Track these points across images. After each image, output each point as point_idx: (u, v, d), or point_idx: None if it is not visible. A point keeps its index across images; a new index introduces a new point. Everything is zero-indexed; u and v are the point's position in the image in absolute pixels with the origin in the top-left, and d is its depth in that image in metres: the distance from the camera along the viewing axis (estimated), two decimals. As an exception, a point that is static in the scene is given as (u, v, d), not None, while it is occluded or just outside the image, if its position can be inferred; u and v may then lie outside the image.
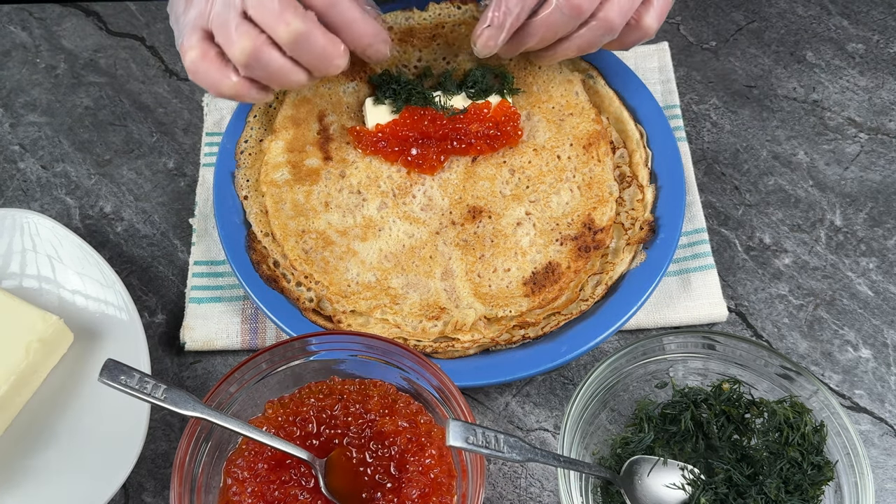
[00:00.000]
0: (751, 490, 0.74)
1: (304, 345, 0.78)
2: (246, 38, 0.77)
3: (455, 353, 0.85)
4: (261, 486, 0.73)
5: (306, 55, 0.80)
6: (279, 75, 0.81)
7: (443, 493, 0.72)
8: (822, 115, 1.03)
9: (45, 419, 0.84)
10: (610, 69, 0.98)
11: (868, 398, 0.87)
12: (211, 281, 0.93)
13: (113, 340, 0.86)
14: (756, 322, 0.91)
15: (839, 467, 0.75)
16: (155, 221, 0.98)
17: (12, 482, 0.81)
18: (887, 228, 0.96)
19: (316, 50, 0.79)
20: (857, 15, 1.10)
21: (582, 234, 0.88)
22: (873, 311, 0.91)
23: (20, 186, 1.01)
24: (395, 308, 0.85)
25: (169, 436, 0.86)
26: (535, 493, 0.83)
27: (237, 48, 0.78)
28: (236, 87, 0.81)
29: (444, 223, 0.90)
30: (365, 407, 0.76)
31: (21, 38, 1.11)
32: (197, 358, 0.90)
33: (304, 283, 0.87)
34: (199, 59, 0.80)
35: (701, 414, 0.79)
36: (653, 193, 0.91)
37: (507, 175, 0.92)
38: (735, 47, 1.08)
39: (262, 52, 0.78)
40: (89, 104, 1.06)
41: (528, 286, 0.86)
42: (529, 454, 0.70)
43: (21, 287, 0.89)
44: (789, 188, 0.98)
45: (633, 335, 0.90)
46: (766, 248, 0.95)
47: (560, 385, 0.88)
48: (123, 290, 0.87)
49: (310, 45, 0.79)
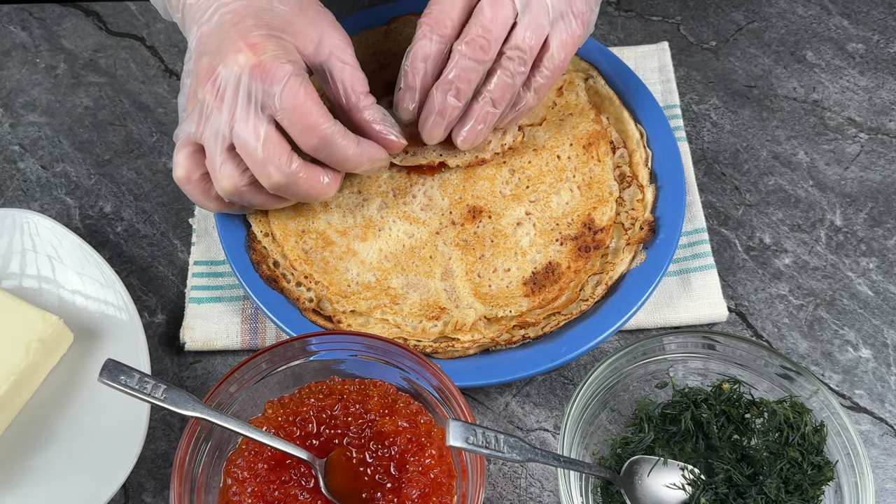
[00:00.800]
0: (751, 490, 0.74)
1: (304, 345, 0.78)
2: (227, 180, 0.79)
3: (455, 353, 0.85)
4: (261, 486, 0.73)
5: (290, 195, 0.82)
6: (261, 207, 0.85)
7: (443, 493, 0.72)
8: (822, 115, 1.03)
9: (45, 419, 0.84)
10: (610, 69, 0.98)
11: (868, 398, 0.87)
12: (211, 281, 0.93)
13: (113, 340, 0.86)
14: (756, 322, 0.91)
15: (839, 467, 0.75)
16: (155, 221, 0.98)
17: (12, 482, 0.81)
18: (887, 228, 0.96)
19: (299, 192, 0.81)
20: (858, 15, 1.10)
21: (582, 234, 0.88)
22: (873, 311, 0.91)
23: (20, 186, 1.01)
24: (395, 308, 0.85)
25: (169, 436, 0.86)
26: (535, 493, 0.83)
27: (218, 186, 0.81)
28: (217, 208, 0.85)
29: (444, 223, 0.90)
30: (365, 407, 0.76)
31: (21, 38, 1.11)
32: (197, 358, 0.90)
33: (304, 283, 0.87)
34: (185, 181, 0.82)
35: (701, 414, 0.79)
36: (653, 193, 0.91)
37: (507, 175, 0.92)
38: (735, 47, 1.08)
39: (243, 192, 0.81)
40: (89, 104, 1.06)
41: (528, 286, 0.86)
42: (529, 454, 0.70)
43: (21, 287, 0.89)
44: (789, 188, 0.98)
45: (633, 335, 0.90)
46: (766, 248, 0.95)
47: (560, 385, 0.88)
48: (123, 290, 0.87)
49: (292, 190, 0.80)
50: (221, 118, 0.77)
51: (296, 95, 0.76)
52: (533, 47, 0.81)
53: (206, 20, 0.79)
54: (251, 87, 0.76)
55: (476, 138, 0.86)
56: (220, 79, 0.77)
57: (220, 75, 0.77)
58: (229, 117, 0.77)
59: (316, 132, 0.77)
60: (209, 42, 0.79)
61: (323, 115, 0.78)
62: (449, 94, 0.83)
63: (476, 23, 0.80)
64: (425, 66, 0.83)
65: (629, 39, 1.09)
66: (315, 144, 0.78)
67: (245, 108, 0.76)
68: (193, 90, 0.80)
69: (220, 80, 0.77)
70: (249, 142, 0.76)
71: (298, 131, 0.77)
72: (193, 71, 0.80)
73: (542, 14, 0.81)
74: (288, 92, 0.76)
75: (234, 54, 0.76)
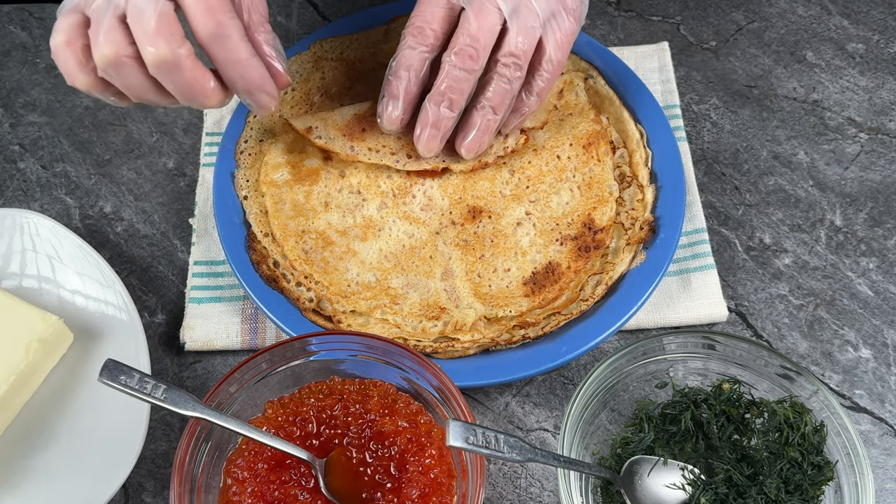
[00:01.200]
0: (751, 490, 0.74)
1: (304, 345, 0.78)
2: (110, 46, 0.73)
3: (455, 353, 0.85)
4: (261, 486, 0.73)
5: (170, 84, 0.75)
6: (136, 91, 0.77)
7: (443, 493, 0.72)
8: (822, 115, 1.03)
9: (45, 419, 0.84)
10: (610, 69, 0.98)
11: (868, 398, 0.87)
12: (211, 281, 0.93)
13: (113, 340, 0.86)
14: (756, 322, 0.91)
15: (839, 467, 0.75)
16: (155, 221, 0.98)
17: (12, 482, 0.81)
18: (887, 228, 0.96)
19: (181, 81, 0.74)
20: (857, 15, 1.10)
21: (582, 234, 0.88)
22: (873, 311, 0.91)
23: (20, 186, 1.01)
24: (395, 308, 0.85)
25: (169, 436, 0.86)
26: (535, 493, 0.83)
27: (98, 52, 0.73)
28: (88, 85, 0.77)
29: (444, 223, 0.90)
30: (365, 407, 0.76)
31: (21, 38, 1.11)
32: (197, 358, 0.90)
33: (303, 283, 0.87)
34: (63, 47, 0.75)
35: (701, 414, 0.79)
36: (653, 193, 0.91)
37: (507, 175, 0.92)
38: (735, 47, 1.08)
39: (123, 64, 0.74)
40: (89, 104, 1.06)
41: (528, 286, 0.87)
42: (529, 454, 0.70)
43: (21, 287, 0.89)
44: (789, 188, 0.98)
45: (633, 335, 0.90)
46: (766, 248, 0.95)
47: (560, 385, 0.88)
48: (123, 290, 0.87)
49: (175, 76, 0.74)
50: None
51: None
52: (526, 51, 0.82)
53: None
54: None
55: (480, 147, 0.87)
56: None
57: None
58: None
59: (216, 15, 0.72)
60: None
61: (226, 4, 0.73)
62: (442, 105, 0.83)
63: (463, 32, 0.81)
64: (408, 75, 0.83)
65: (629, 39, 1.09)
66: (211, 30, 0.73)
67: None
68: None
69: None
70: (146, 10, 0.71)
71: (200, 11, 0.72)
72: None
73: (532, 17, 0.81)
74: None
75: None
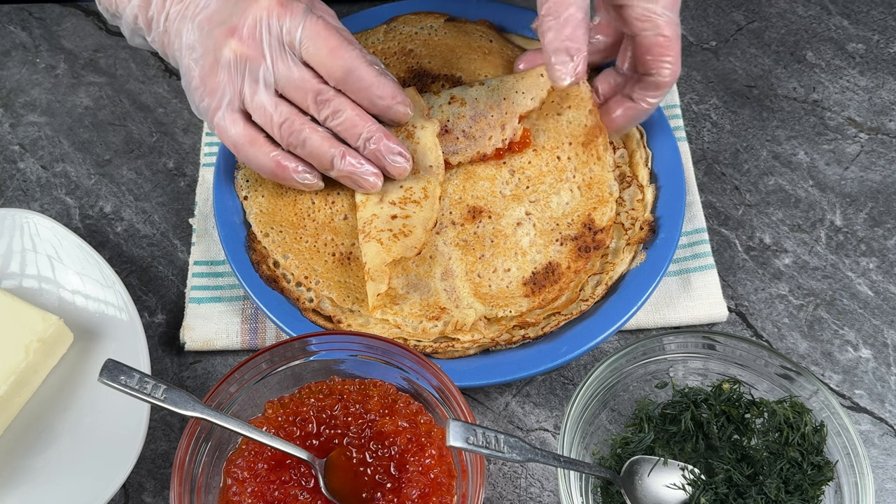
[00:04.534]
0: (751, 490, 0.74)
1: (304, 345, 0.78)
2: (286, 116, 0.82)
3: (455, 353, 0.85)
4: (261, 486, 0.73)
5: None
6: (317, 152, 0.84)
7: (443, 493, 0.72)
8: (822, 115, 1.03)
9: (45, 419, 0.84)
10: (610, 69, 0.98)
11: (868, 398, 0.87)
12: (211, 281, 0.93)
13: (113, 340, 0.86)
14: (756, 322, 0.91)
15: (839, 467, 0.75)
16: (155, 221, 0.98)
17: (12, 482, 0.81)
18: (887, 228, 0.96)
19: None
20: (857, 15, 1.10)
21: (582, 234, 0.88)
22: (873, 311, 0.91)
23: (20, 186, 1.01)
24: (395, 308, 0.85)
25: (169, 436, 0.86)
26: (535, 493, 0.83)
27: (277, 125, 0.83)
28: (275, 169, 0.85)
29: (444, 223, 0.90)
30: (365, 407, 0.76)
31: (21, 38, 1.11)
32: (197, 358, 0.90)
33: (303, 283, 0.87)
34: (248, 145, 0.84)
35: (701, 414, 0.79)
36: (653, 193, 0.91)
37: (507, 175, 0.92)
38: (735, 47, 1.08)
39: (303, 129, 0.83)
40: (89, 104, 1.06)
41: (528, 286, 0.86)
42: (529, 454, 0.70)
43: (21, 287, 0.89)
44: (789, 188, 0.98)
45: (633, 335, 0.90)
46: (766, 248, 0.95)
47: (560, 385, 0.88)
48: (123, 290, 0.87)
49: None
50: (264, 65, 0.81)
51: (317, 23, 0.81)
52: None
53: (202, 7, 0.82)
54: (274, 25, 0.81)
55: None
56: (247, 28, 0.80)
57: (246, 25, 0.80)
58: (271, 62, 0.81)
59: (341, 54, 0.81)
60: (216, 18, 0.82)
61: (343, 41, 0.82)
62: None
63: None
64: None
65: (629, 39, 1.09)
66: (343, 67, 0.81)
67: (279, 51, 0.81)
68: (210, 67, 0.82)
69: (248, 29, 0.80)
70: (293, 77, 0.81)
71: (325, 55, 0.81)
72: (203, 51, 0.82)
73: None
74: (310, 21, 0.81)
75: (254, 4, 0.81)
